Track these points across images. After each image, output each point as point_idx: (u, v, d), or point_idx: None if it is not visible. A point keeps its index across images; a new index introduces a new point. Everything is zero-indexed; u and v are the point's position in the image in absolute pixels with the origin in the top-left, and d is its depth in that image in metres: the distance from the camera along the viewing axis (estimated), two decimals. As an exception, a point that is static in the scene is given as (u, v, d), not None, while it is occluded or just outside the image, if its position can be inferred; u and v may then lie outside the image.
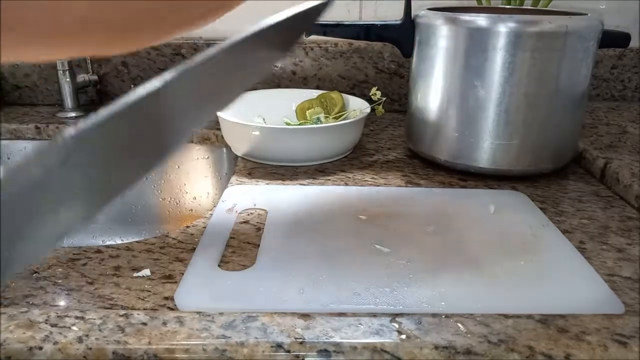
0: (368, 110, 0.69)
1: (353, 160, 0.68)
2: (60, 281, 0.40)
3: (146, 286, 0.40)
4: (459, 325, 0.36)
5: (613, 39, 0.62)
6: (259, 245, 0.46)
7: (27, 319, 0.36)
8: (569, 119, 0.60)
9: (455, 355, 0.34)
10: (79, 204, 0.18)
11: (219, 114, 0.66)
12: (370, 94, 0.73)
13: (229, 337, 0.34)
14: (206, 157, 0.80)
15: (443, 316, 0.37)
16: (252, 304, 0.37)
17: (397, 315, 0.37)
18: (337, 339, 0.34)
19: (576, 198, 0.57)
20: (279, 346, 0.34)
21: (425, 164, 0.66)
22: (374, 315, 0.36)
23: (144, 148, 0.20)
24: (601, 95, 0.95)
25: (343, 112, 0.72)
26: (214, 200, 0.80)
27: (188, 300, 0.38)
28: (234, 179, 0.61)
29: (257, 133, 0.63)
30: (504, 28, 0.55)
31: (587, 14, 0.58)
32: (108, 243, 0.55)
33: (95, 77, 0.88)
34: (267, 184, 0.60)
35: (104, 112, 0.17)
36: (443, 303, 0.38)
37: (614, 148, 0.67)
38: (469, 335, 0.35)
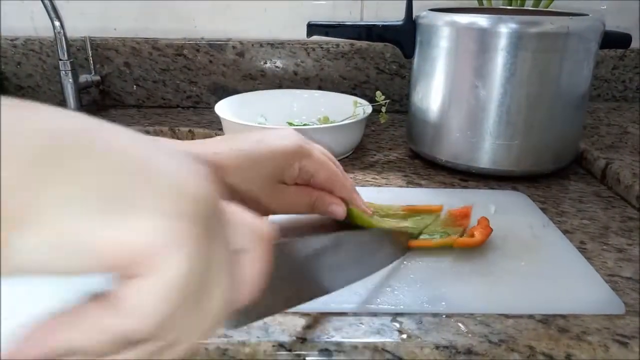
0: (369, 111, 0.69)
1: (354, 160, 0.68)
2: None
3: (148, 286, 0.40)
4: (460, 325, 0.36)
5: (614, 40, 0.62)
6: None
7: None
8: (570, 119, 0.60)
9: (456, 355, 0.34)
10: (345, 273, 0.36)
11: (220, 114, 0.66)
12: (376, 97, 0.73)
13: (231, 337, 0.34)
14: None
15: (444, 316, 0.37)
16: (253, 303, 0.37)
17: (398, 314, 0.37)
18: (338, 338, 0.34)
19: (577, 198, 0.57)
20: (281, 345, 0.34)
21: (426, 164, 0.66)
22: (375, 314, 0.37)
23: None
24: (602, 96, 0.95)
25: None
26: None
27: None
28: (235, 179, 0.61)
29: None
30: (505, 29, 0.55)
31: (588, 15, 0.58)
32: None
33: (97, 78, 0.89)
34: (269, 184, 0.60)
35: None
36: (444, 303, 0.38)
37: (615, 149, 0.68)
38: (469, 335, 0.35)
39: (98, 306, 0.18)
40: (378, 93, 0.71)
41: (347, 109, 0.72)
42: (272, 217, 0.41)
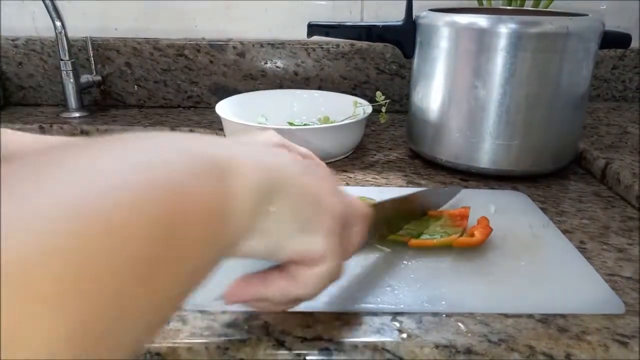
0: (369, 111, 0.69)
1: (354, 160, 0.68)
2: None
3: (149, 285, 0.40)
4: (460, 324, 0.36)
5: (614, 40, 0.63)
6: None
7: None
8: (569, 119, 0.60)
9: (456, 354, 0.34)
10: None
11: (220, 114, 0.66)
12: (376, 98, 0.73)
13: (231, 336, 0.34)
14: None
15: (443, 315, 0.37)
16: (254, 303, 0.38)
17: (397, 314, 0.37)
18: (338, 338, 0.34)
19: (577, 198, 0.58)
20: (281, 345, 0.34)
21: (426, 164, 0.66)
22: (375, 314, 0.37)
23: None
24: (602, 96, 0.95)
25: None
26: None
27: (190, 298, 0.38)
28: (236, 179, 0.61)
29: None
30: (505, 29, 0.55)
31: (588, 15, 0.58)
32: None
33: (99, 78, 0.89)
34: (269, 184, 0.60)
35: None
36: (443, 302, 0.38)
37: (614, 148, 0.68)
38: (469, 335, 0.35)
39: (283, 275, 0.29)
40: (378, 93, 0.71)
41: (347, 109, 0.72)
42: None
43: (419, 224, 0.48)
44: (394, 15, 0.72)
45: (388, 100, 0.72)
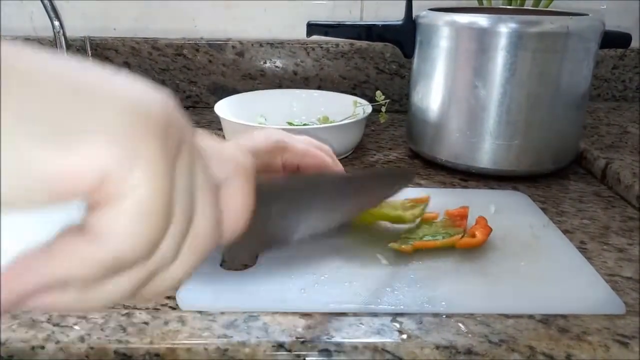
0: (369, 110, 0.69)
1: (354, 160, 0.68)
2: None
3: (148, 286, 0.40)
4: (460, 325, 0.36)
5: (614, 40, 0.62)
6: (260, 245, 0.46)
7: (29, 318, 0.36)
8: (570, 119, 0.60)
9: (456, 355, 0.34)
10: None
11: (219, 114, 0.66)
12: (376, 97, 0.73)
13: (231, 337, 0.34)
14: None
15: (444, 316, 0.37)
16: (253, 303, 0.37)
17: (398, 315, 0.37)
18: (338, 339, 0.34)
19: (577, 198, 0.57)
20: (280, 346, 0.34)
21: (426, 164, 0.66)
22: (375, 314, 0.37)
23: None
24: (602, 96, 0.95)
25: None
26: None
27: (190, 299, 0.38)
28: (235, 179, 0.61)
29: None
30: (505, 28, 0.55)
31: (588, 15, 0.58)
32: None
33: (97, 78, 0.89)
34: (269, 184, 0.60)
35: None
36: (444, 303, 0.38)
37: (615, 148, 0.67)
38: (469, 335, 0.35)
39: (74, 236, 0.17)
40: (378, 93, 0.71)
41: (346, 108, 0.72)
42: None
43: (413, 230, 0.47)
44: (394, 15, 0.72)
45: (388, 100, 0.72)
